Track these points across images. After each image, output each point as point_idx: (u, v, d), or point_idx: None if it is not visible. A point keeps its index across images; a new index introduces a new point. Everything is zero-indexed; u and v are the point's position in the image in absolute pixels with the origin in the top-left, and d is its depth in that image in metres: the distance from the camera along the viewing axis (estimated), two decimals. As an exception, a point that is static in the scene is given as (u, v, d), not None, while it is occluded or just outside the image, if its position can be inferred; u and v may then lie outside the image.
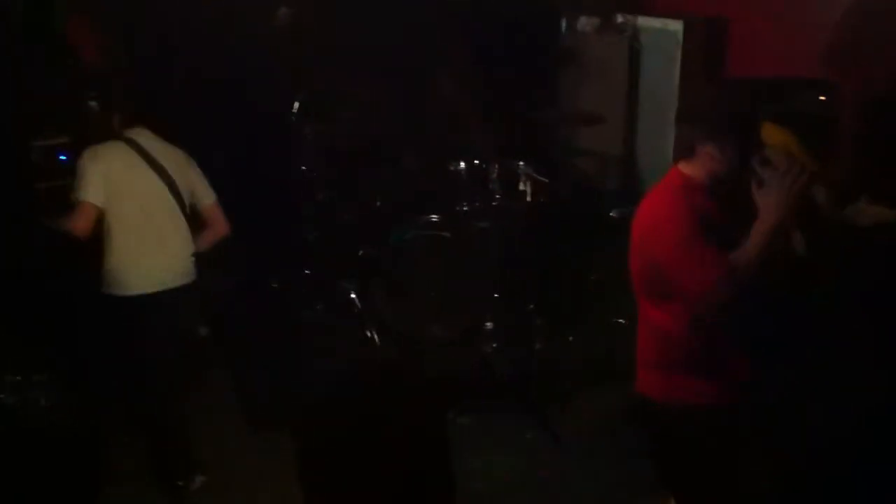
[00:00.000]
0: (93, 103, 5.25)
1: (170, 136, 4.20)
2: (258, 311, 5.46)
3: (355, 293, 5.47)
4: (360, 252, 5.65)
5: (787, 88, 5.38)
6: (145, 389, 4.22)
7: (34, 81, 5.01)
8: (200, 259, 4.20)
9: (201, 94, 5.77)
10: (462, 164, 5.55)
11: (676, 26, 6.32)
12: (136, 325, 4.04)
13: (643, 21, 6.61)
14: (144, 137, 4.04)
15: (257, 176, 5.75)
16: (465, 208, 5.53)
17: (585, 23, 6.74)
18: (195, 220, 4.24)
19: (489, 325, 5.41)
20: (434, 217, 5.49)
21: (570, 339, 5.50)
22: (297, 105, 5.73)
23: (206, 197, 4.22)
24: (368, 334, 5.30)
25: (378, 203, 5.73)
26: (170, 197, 4.01)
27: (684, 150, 3.09)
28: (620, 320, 5.45)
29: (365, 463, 1.45)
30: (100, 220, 3.96)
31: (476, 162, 5.57)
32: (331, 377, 1.65)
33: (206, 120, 5.63)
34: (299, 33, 6.18)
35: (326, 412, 1.52)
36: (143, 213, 3.97)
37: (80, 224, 3.90)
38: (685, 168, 3.07)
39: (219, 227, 4.27)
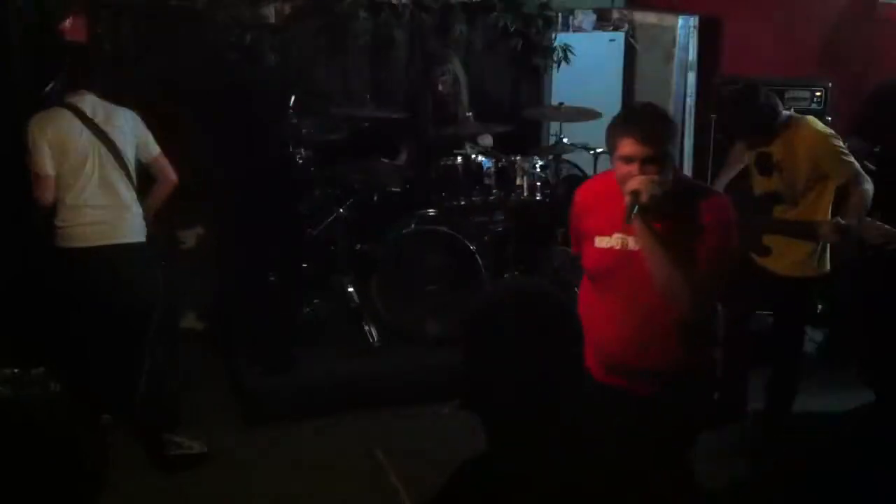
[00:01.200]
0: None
1: (116, 98, 4.42)
2: (255, 305, 5.46)
3: (353, 288, 5.48)
4: (358, 246, 5.66)
5: (783, 86, 5.42)
6: (102, 346, 4.34)
7: (35, 77, 5.02)
8: (154, 213, 4.47)
9: (197, 90, 5.76)
10: (459, 159, 5.55)
11: (672, 22, 6.35)
12: (86, 278, 4.27)
13: (640, 17, 6.64)
14: (87, 102, 4.28)
15: (254, 170, 5.75)
16: (462, 203, 5.53)
17: (582, 18, 6.76)
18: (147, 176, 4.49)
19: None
20: (431, 212, 5.50)
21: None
22: (293, 99, 5.71)
23: (152, 151, 4.45)
24: (366, 329, 5.30)
25: (375, 198, 5.73)
26: (110, 157, 4.25)
27: None
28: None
29: None
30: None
31: (473, 156, 5.58)
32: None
33: (203, 115, 5.63)
34: (295, 27, 6.18)
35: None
36: (85, 175, 4.22)
37: (44, 195, 4.22)
38: None
39: (166, 177, 4.48)
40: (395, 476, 4.23)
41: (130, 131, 4.36)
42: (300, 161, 5.67)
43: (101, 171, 4.25)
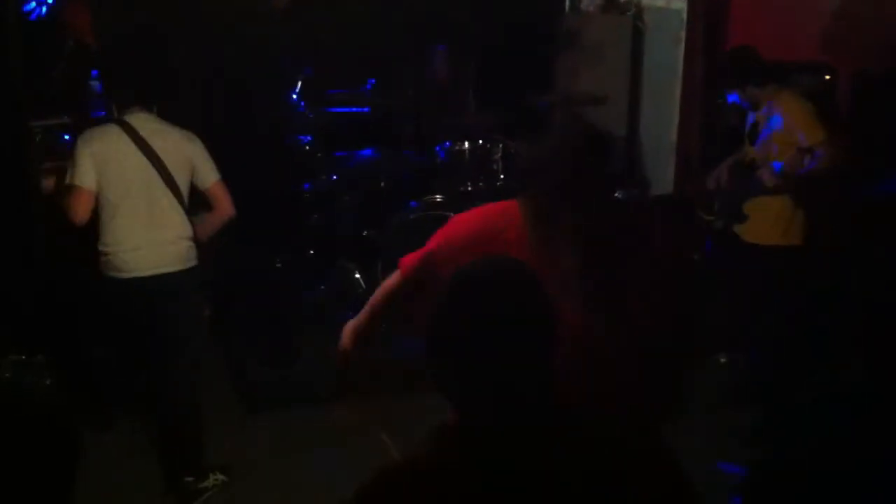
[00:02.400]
0: (93, 82, 5.25)
1: (172, 117, 4.14)
2: (262, 292, 5.45)
3: (359, 274, 5.46)
4: (364, 232, 5.64)
5: (791, 70, 5.39)
6: (148, 376, 4.23)
7: (36, 62, 4.97)
8: (206, 244, 4.18)
9: (201, 76, 5.74)
10: (465, 145, 5.53)
11: (680, 5, 6.29)
12: (132, 309, 4.04)
13: (647, 0, 6.58)
14: (140, 120, 4.00)
15: (260, 157, 5.73)
16: (469, 188, 5.51)
17: (589, 2, 6.72)
18: (199, 202, 4.19)
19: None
20: (437, 197, 5.48)
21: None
22: (299, 85, 5.69)
23: (208, 178, 4.14)
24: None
25: (382, 183, 5.71)
26: (160, 182, 3.97)
27: None
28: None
29: None
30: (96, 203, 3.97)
31: (479, 142, 5.55)
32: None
33: (207, 102, 5.61)
34: (298, 12, 6.14)
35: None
36: (132, 197, 3.95)
37: (76, 209, 3.91)
38: None
39: (223, 208, 4.19)
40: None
41: (184, 153, 4.06)
42: (306, 147, 5.66)
43: (149, 194, 3.96)
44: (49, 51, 5.27)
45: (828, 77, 5.45)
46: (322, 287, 5.54)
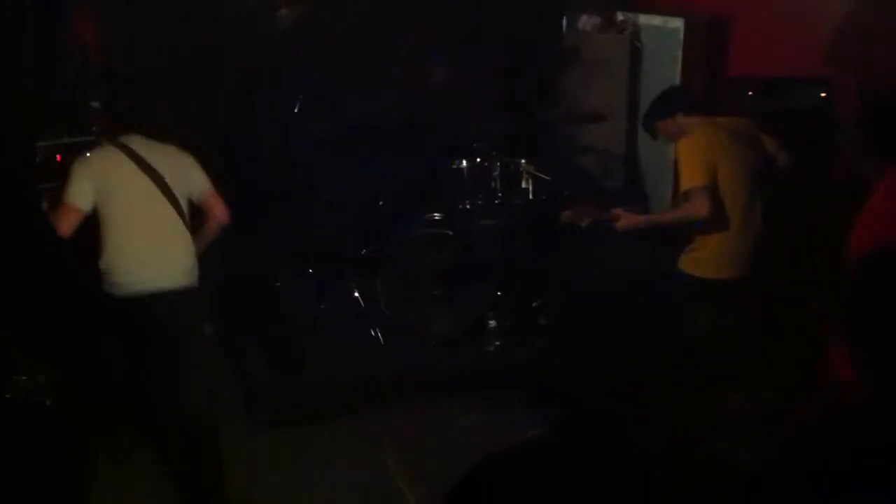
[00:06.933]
0: (95, 104, 5.27)
1: (168, 137, 4.19)
2: (262, 310, 5.46)
3: (358, 292, 5.48)
4: (364, 250, 5.66)
5: (788, 86, 5.42)
6: (151, 399, 4.15)
7: (39, 81, 4.99)
8: (204, 254, 4.19)
9: (204, 92, 5.77)
10: (464, 163, 5.56)
11: (677, 24, 6.33)
12: (134, 326, 4.04)
13: (644, 19, 6.62)
14: (137, 142, 4.07)
15: (260, 175, 5.75)
16: (467, 206, 5.54)
17: (587, 21, 6.76)
18: (197, 216, 4.23)
19: (492, 323, 5.43)
20: (437, 215, 5.50)
21: (574, 336, 5.50)
22: (298, 104, 5.73)
23: (202, 188, 4.19)
24: (373, 333, 5.31)
25: (381, 202, 5.73)
26: (163, 200, 4.03)
27: None
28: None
29: None
30: (97, 223, 3.99)
31: (478, 160, 5.58)
32: None
33: (209, 118, 5.64)
34: (300, 33, 6.18)
35: None
36: (134, 217, 4.00)
37: (61, 224, 3.94)
38: None
39: (217, 216, 4.22)
40: (402, 480, 4.23)
41: (181, 168, 4.14)
42: (305, 164, 5.69)
43: (153, 212, 4.02)
44: (54, 60, 5.26)
45: (824, 94, 5.48)
46: (322, 306, 5.56)
